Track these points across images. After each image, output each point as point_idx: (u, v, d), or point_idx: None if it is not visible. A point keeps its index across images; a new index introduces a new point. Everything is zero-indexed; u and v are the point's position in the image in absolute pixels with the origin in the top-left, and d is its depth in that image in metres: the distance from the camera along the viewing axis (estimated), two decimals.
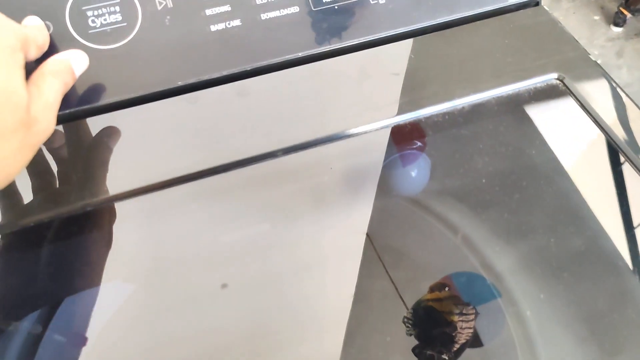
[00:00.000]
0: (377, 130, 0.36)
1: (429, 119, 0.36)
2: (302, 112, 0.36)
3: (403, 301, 0.36)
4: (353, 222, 0.38)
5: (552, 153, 0.38)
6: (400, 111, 0.37)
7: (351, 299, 0.34)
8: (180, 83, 0.36)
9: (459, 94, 0.37)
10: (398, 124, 0.37)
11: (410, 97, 0.37)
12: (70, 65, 0.31)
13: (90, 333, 0.31)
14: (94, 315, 0.32)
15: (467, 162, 0.40)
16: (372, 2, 0.39)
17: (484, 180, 0.39)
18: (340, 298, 0.35)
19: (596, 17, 1.83)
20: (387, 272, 0.36)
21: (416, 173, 0.42)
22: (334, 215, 0.38)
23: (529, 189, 0.37)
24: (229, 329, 0.33)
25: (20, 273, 0.32)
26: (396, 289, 0.36)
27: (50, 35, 0.35)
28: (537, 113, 0.37)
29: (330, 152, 0.36)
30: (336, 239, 0.38)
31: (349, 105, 0.37)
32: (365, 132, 0.36)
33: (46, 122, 0.28)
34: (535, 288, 0.36)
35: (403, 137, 0.38)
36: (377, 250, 0.37)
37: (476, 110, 0.37)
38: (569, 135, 0.37)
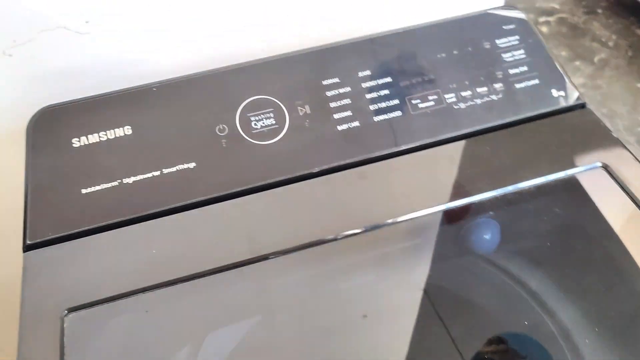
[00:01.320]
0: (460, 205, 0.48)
1: (503, 196, 0.48)
2: (409, 190, 0.48)
3: (461, 355, 0.46)
4: (411, 279, 0.49)
5: (604, 223, 0.49)
6: (479, 191, 0.49)
7: (405, 352, 0.44)
8: (317, 169, 0.49)
9: (524, 177, 0.49)
10: (476, 202, 0.49)
11: (486, 180, 0.49)
12: None
13: None
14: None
15: (528, 229, 0.51)
16: (455, 108, 0.52)
17: (540, 243, 0.50)
18: (397, 351, 0.45)
19: (639, 85, 1.92)
20: (445, 327, 0.47)
21: (489, 236, 0.53)
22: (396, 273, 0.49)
23: (582, 253, 0.48)
24: None
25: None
26: (454, 343, 0.46)
27: (225, 135, 0.49)
28: (588, 192, 0.49)
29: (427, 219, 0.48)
30: (396, 294, 0.48)
31: (439, 185, 0.49)
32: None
33: None
34: (590, 347, 0.45)
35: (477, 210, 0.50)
36: (434, 305, 0.48)
37: (538, 190, 0.49)
38: (612, 208, 0.48)
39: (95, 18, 0.57)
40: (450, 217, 0.49)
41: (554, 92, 0.53)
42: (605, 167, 0.49)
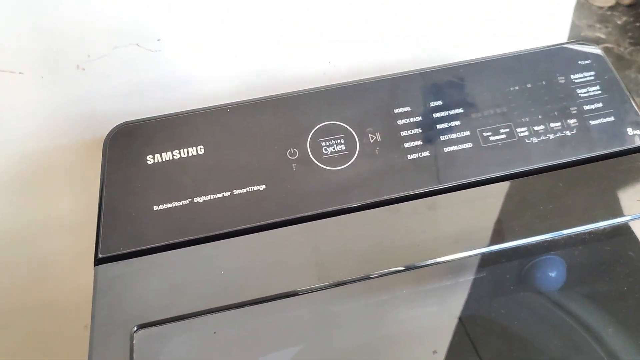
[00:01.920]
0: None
1: (572, 237, 0.47)
2: (478, 224, 0.48)
3: None
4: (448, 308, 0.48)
5: None
6: (549, 229, 0.48)
7: None
8: (385, 197, 0.49)
9: (597, 218, 0.48)
10: (545, 239, 0.48)
11: (556, 218, 0.48)
12: None
13: None
14: None
15: (595, 270, 0.50)
16: (527, 142, 0.51)
17: (608, 287, 0.49)
18: None
19: None
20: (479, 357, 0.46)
21: (555, 274, 0.52)
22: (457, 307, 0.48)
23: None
24: None
25: None
26: None
27: (296, 159, 0.49)
28: None
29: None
30: (430, 323, 0.47)
31: (508, 220, 0.48)
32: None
33: None
34: None
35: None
36: (470, 335, 0.47)
37: (612, 231, 0.48)
38: None
39: (167, 36, 0.58)
40: (516, 254, 0.48)
41: (630, 130, 0.52)
42: None
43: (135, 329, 0.42)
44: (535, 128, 0.51)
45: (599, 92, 0.53)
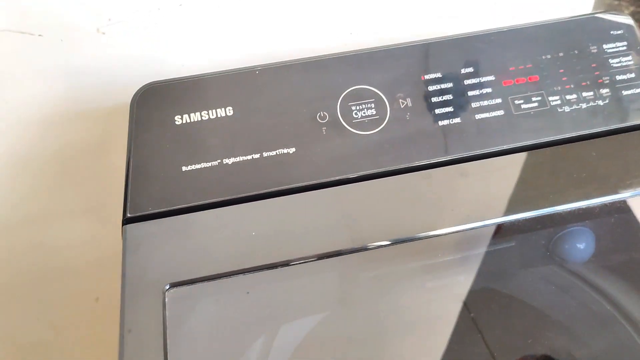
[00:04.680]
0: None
1: (604, 205, 0.47)
2: (509, 191, 0.47)
3: None
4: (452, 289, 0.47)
5: None
6: (580, 197, 0.47)
7: None
8: (417, 163, 0.48)
9: (629, 186, 0.47)
10: (576, 209, 0.48)
11: (588, 187, 0.48)
12: None
13: None
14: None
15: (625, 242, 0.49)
16: (559, 111, 0.51)
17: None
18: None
19: None
20: (485, 343, 0.45)
21: (584, 246, 0.51)
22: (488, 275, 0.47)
23: None
24: None
25: None
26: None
27: (326, 122, 0.49)
28: None
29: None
30: (438, 305, 0.46)
31: (540, 188, 0.48)
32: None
33: None
34: None
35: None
36: (475, 320, 0.46)
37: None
38: None
39: None
40: (545, 223, 0.48)
41: None
42: None
43: (167, 287, 0.41)
44: (568, 97, 0.51)
45: (631, 62, 0.52)
